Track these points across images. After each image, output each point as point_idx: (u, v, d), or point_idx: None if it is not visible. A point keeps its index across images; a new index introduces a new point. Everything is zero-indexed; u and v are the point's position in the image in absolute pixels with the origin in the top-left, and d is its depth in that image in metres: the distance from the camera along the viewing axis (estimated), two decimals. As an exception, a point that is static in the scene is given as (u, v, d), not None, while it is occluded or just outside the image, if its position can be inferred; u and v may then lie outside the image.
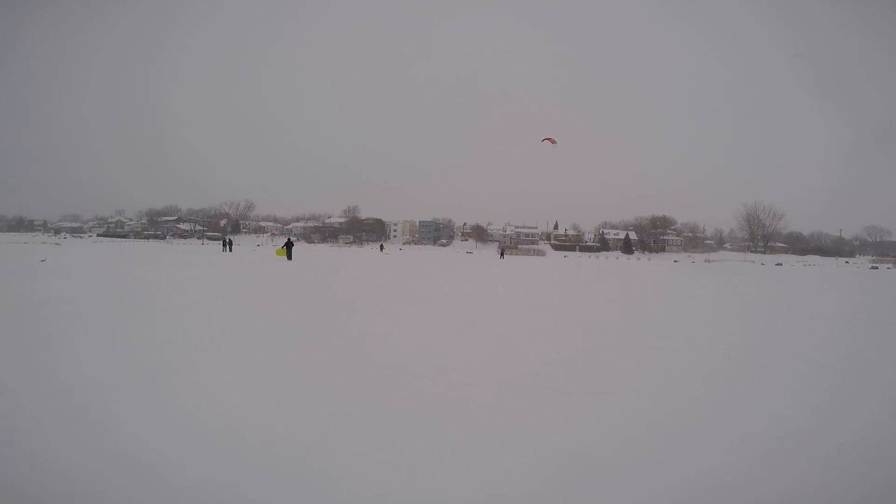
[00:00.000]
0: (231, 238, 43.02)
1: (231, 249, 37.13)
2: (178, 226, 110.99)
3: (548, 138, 29.59)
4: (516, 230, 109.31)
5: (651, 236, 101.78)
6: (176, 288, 9.74)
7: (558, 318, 7.48)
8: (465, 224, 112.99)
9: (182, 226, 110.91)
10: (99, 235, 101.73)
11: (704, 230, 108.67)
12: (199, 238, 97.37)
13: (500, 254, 51.99)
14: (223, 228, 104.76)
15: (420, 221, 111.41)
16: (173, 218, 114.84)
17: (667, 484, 2.35)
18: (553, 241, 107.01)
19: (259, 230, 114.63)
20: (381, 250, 55.38)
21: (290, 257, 25.04)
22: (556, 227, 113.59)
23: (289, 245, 26.00)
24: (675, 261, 69.31)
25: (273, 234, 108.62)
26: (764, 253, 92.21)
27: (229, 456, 2.46)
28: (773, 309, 9.98)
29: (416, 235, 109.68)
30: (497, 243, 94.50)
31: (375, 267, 21.43)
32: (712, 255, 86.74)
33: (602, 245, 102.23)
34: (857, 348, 5.80)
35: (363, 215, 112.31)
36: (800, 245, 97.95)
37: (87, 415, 2.89)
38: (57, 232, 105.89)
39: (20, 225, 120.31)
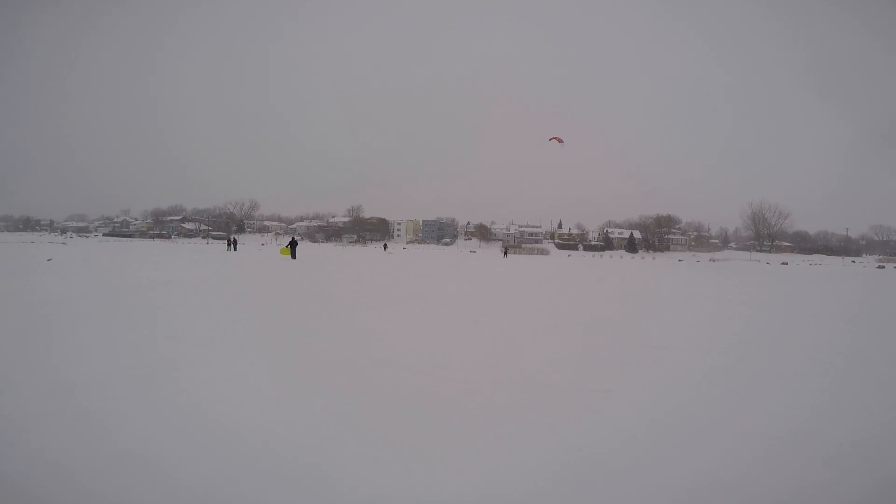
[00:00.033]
0: (235, 237, 43.18)
1: (235, 249, 37.26)
2: (183, 225, 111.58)
3: (555, 137, 29.54)
4: (520, 229, 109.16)
5: (655, 235, 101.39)
6: (180, 287, 9.79)
7: (561, 317, 7.47)
8: (468, 223, 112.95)
9: (187, 225, 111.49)
10: (105, 235, 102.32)
11: (709, 229, 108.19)
12: (203, 237, 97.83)
13: (504, 253, 51.90)
14: (228, 227, 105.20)
15: (423, 221, 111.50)
16: (178, 217, 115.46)
17: (667, 483, 2.34)
18: (557, 241, 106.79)
19: (263, 229, 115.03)
20: (384, 249, 55.41)
21: (294, 256, 25.10)
22: (559, 226, 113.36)
23: (293, 244, 26.08)
24: (680, 260, 69.02)
25: (277, 234, 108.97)
26: (769, 252, 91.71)
27: (230, 455, 2.46)
28: (775, 308, 9.93)
29: (420, 235, 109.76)
30: (500, 242, 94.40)
31: (379, 266, 21.46)
32: (717, 255, 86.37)
33: (606, 244, 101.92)
34: (857, 348, 5.75)
35: (367, 215, 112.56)
36: (806, 244, 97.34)
37: (87, 414, 2.89)
38: (63, 231, 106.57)
39: (27, 225, 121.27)
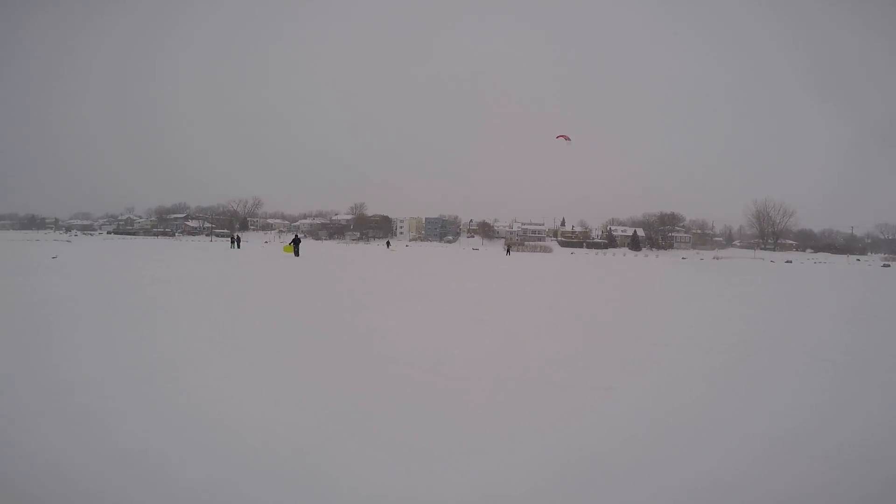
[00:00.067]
0: (239, 235, 43.30)
1: (239, 246, 37.36)
2: (186, 223, 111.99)
3: (562, 135, 29.53)
4: (523, 227, 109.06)
5: (659, 233, 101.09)
6: (183, 285, 9.82)
7: (563, 315, 7.46)
8: (471, 221, 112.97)
9: (191, 223, 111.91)
10: (109, 233, 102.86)
11: (713, 227, 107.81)
12: (207, 235, 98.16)
13: (507, 250, 51.85)
14: (231, 225, 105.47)
15: (426, 218, 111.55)
16: (182, 215, 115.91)
17: (667, 482, 2.32)
18: (560, 238, 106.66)
19: (267, 227, 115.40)
20: (387, 247, 55.46)
21: (297, 254, 25.16)
22: (563, 223, 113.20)
23: (296, 242, 26.14)
24: (684, 258, 68.80)
25: (281, 231, 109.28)
26: (774, 250, 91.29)
27: (231, 455, 2.45)
28: (777, 307, 9.87)
29: (423, 232, 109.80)
30: (503, 240, 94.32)
31: (382, 263, 21.48)
32: (721, 253, 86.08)
33: (610, 242, 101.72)
34: (858, 347, 5.71)
35: (370, 212, 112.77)
36: (810, 242, 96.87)
37: (87, 413, 2.89)
38: (68, 229, 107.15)
39: (32, 223, 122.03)
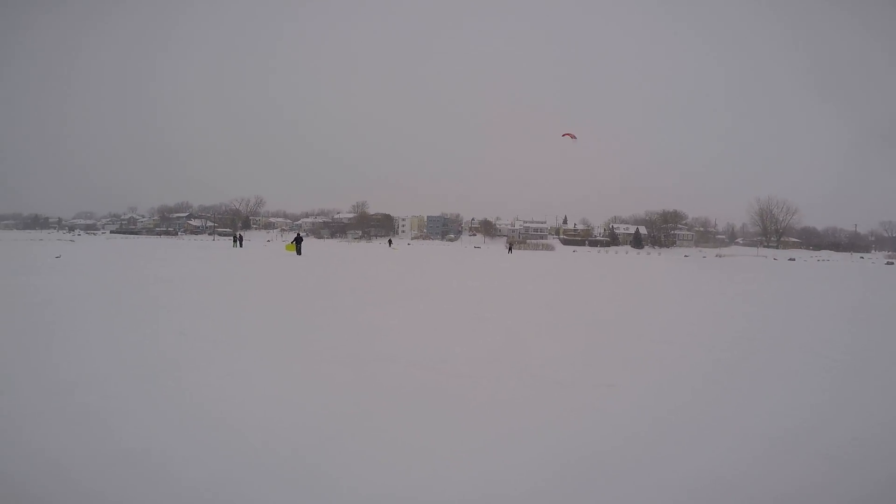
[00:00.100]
0: (241, 234, 43.37)
1: (241, 245, 37.43)
2: (189, 222, 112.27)
3: (568, 133, 29.58)
4: (525, 225, 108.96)
5: (661, 231, 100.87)
6: (185, 284, 9.84)
7: (565, 314, 7.44)
8: (472, 219, 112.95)
9: (193, 222, 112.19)
10: (112, 232, 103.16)
11: (716, 225, 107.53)
12: (210, 234, 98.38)
13: (509, 248, 51.80)
14: (234, 224, 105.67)
15: (428, 217, 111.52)
16: (185, 215, 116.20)
17: (669, 481, 2.31)
18: (562, 236, 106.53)
19: (269, 226, 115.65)
20: (389, 245, 55.48)
21: (299, 252, 25.21)
22: (565, 221, 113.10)
23: (298, 240, 26.19)
24: (686, 256, 68.63)
25: (283, 230, 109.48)
26: (777, 248, 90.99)
27: (233, 454, 2.45)
28: (779, 305, 9.83)
29: (425, 230, 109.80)
30: (505, 238, 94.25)
31: (384, 262, 21.50)
32: (724, 250, 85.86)
33: (612, 240, 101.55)
34: (860, 346, 5.67)
35: (372, 211, 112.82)
36: (814, 240, 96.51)
37: (88, 413, 2.88)
38: (71, 229, 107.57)
39: (35, 223, 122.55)
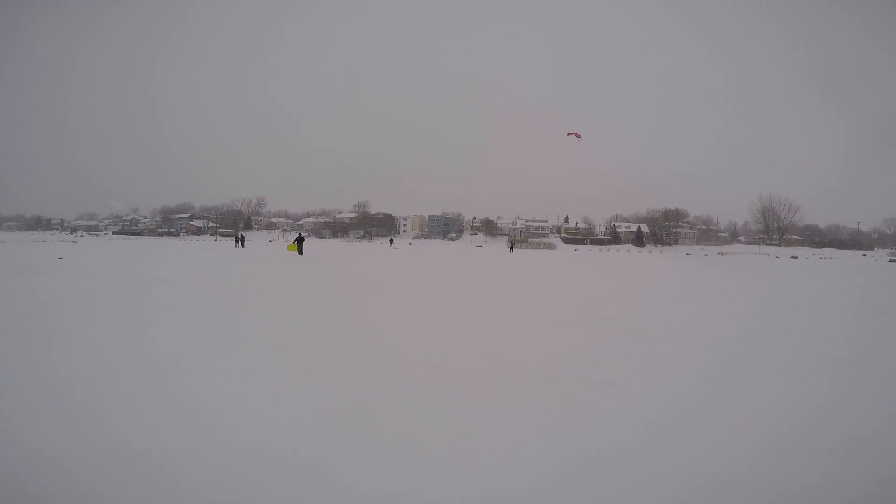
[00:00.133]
0: (243, 234, 43.43)
1: (243, 245, 37.50)
2: (191, 223, 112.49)
3: (573, 133, 29.76)
4: (526, 224, 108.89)
5: (663, 229, 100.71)
6: (186, 284, 9.85)
7: (566, 312, 7.43)
8: (474, 218, 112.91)
9: (195, 223, 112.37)
10: (114, 233, 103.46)
11: (718, 223, 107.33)
12: (212, 235, 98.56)
13: (510, 247, 51.78)
14: (235, 224, 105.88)
15: (429, 216, 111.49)
16: (186, 215, 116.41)
17: (669, 480, 2.29)
18: (564, 235, 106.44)
19: (271, 226, 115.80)
20: (390, 245, 55.53)
21: (300, 252, 25.25)
22: (566, 220, 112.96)
23: (300, 240, 26.24)
24: (688, 254, 68.52)
25: (284, 230, 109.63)
26: (779, 246, 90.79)
27: (233, 454, 2.44)
28: (781, 303, 9.81)
29: (426, 230, 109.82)
30: (507, 237, 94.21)
31: (385, 261, 21.51)
32: (726, 248, 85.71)
33: (613, 238, 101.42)
34: (862, 343, 5.64)
35: (373, 210, 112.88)
36: (816, 238, 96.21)
37: (87, 412, 2.88)
38: (74, 230, 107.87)
39: (38, 224, 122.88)
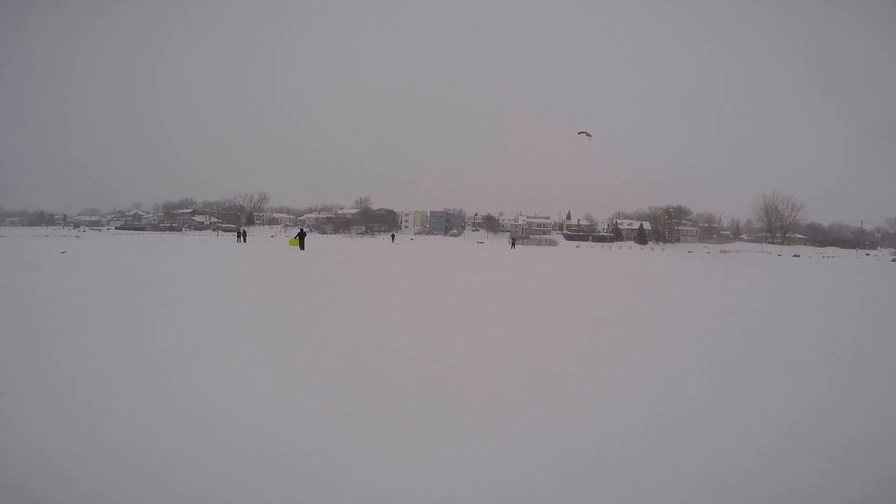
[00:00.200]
0: (245, 229, 43.50)
1: (245, 240, 37.57)
2: (193, 218, 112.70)
3: (583, 132, 29.91)
4: (528, 220, 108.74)
5: (666, 227, 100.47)
6: (189, 279, 9.86)
7: (569, 308, 7.41)
8: (476, 214, 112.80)
9: (198, 218, 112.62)
10: (117, 228, 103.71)
11: (720, 221, 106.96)
12: (214, 230, 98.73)
13: (512, 244, 51.77)
14: (237, 220, 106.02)
15: (431, 212, 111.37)
16: (189, 211, 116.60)
17: (669, 478, 2.29)
18: (565, 232, 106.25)
19: (273, 221, 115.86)
20: (392, 241, 55.54)
21: (302, 247, 25.30)
22: (568, 217, 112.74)
23: (301, 235, 26.31)
24: (690, 251, 68.40)
25: (286, 226, 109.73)
26: (782, 244, 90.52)
27: (234, 451, 2.44)
28: (782, 301, 9.77)
29: (428, 226, 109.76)
30: (508, 234, 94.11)
31: (387, 257, 21.51)
32: (728, 246, 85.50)
33: (616, 235, 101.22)
34: (863, 342, 5.62)
35: (375, 206, 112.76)
36: (819, 236, 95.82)
37: (87, 411, 2.87)
38: (76, 225, 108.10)
39: (41, 219, 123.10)
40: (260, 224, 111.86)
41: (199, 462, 2.33)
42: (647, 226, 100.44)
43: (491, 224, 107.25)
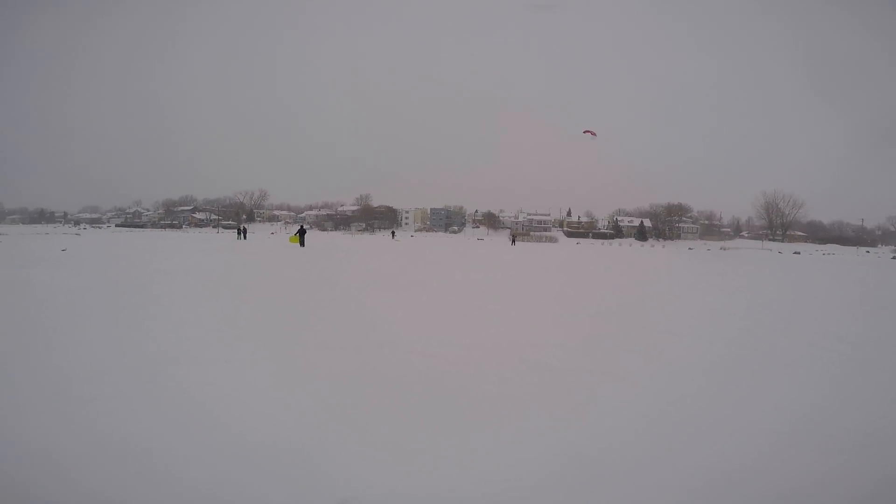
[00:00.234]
0: (246, 226, 43.48)
1: (245, 237, 37.54)
2: (194, 215, 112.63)
3: (588, 130, 29.96)
4: (528, 217, 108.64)
5: (666, 224, 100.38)
6: (189, 276, 9.85)
7: (569, 305, 7.40)
8: (476, 211, 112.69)
9: (198, 215, 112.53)
10: (117, 226, 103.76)
11: (721, 218, 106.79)
12: (214, 227, 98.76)
13: (512, 241, 51.72)
14: (238, 217, 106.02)
15: (431, 209, 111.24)
16: (189, 208, 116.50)
17: (669, 477, 2.28)
18: (566, 229, 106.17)
19: (273, 218, 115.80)
20: (392, 237, 55.53)
21: (302, 244, 25.29)
22: (568, 213, 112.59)
23: (302, 232, 26.30)
24: (690, 248, 68.35)
25: (287, 223, 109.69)
26: (782, 241, 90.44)
27: (234, 449, 2.43)
28: (783, 299, 9.77)
29: (428, 223, 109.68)
30: (509, 230, 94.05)
31: (387, 254, 21.50)
32: (729, 243, 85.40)
33: (616, 232, 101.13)
34: (864, 339, 5.61)
35: (375, 203, 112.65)
36: (820, 234, 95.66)
37: (86, 410, 2.86)
38: (77, 223, 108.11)
39: (41, 217, 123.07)
40: (260, 221, 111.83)
41: (198, 460, 2.32)
42: (647, 223, 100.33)
43: (491, 221, 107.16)
